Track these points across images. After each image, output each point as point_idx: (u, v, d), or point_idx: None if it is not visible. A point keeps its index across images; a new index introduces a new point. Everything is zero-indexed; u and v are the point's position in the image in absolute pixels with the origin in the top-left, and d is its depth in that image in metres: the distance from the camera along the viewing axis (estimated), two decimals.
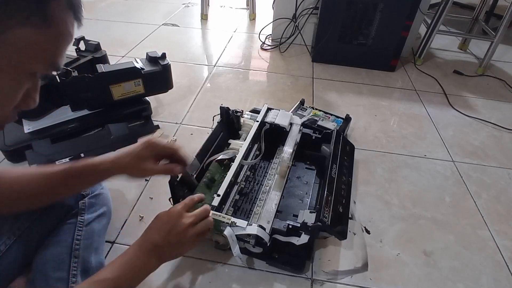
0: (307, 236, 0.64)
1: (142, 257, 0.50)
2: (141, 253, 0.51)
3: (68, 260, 0.56)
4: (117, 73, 0.98)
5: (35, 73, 0.34)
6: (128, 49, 1.59)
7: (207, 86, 1.36)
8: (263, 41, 1.73)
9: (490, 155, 1.08)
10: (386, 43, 1.48)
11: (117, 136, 0.99)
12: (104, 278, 0.46)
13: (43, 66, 0.33)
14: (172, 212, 0.55)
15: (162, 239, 0.52)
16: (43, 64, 0.33)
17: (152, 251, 0.51)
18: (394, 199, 0.89)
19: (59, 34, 0.32)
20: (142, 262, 0.50)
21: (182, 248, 0.55)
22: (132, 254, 0.50)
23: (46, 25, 0.30)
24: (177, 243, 0.53)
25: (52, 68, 0.34)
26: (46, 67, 0.33)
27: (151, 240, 0.52)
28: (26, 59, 0.31)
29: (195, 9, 2.15)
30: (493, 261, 0.76)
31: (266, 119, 0.89)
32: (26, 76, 0.33)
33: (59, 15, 0.31)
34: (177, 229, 0.53)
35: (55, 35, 0.32)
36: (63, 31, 0.32)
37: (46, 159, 0.89)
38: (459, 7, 2.33)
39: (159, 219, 0.55)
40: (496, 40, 1.52)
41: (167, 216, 0.55)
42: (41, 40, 0.31)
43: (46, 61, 0.33)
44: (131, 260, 0.50)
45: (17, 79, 0.32)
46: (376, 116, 1.23)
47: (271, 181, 0.81)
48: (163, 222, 0.54)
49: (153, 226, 0.54)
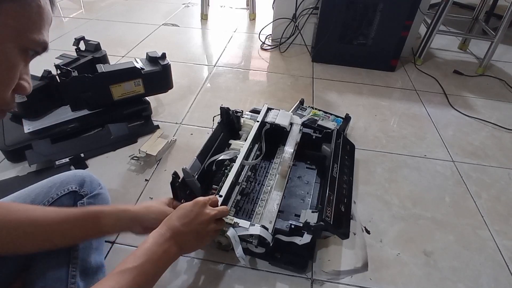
0: (309, 235, 0.64)
1: (163, 244, 0.51)
2: (162, 240, 0.51)
3: (67, 260, 0.55)
4: (117, 73, 0.98)
5: (26, 50, 0.35)
6: (128, 49, 1.59)
7: (207, 86, 1.36)
8: (263, 41, 1.73)
9: (490, 155, 1.08)
10: (386, 43, 1.48)
11: (117, 136, 0.99)
12: (129, 268, 0.47)
13: (32, 41, 0.35)
14: (198, 202, 0.57)
15: (184, 226, 0.53)
16: (31, 39, 0.35)
17: (173, 238, 0.52)
18: (394, 199, 0.89)
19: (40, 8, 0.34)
20: (164, 249, 0.51)
21: (202, 239, 0.56)
22: (154, 242, 0.51)
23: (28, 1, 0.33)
24: (198, 232, 0.54)
25: (39, 44, 0.36)
26: (34, 43, 0.35)
27: (171, 226, 0.53)
28: (16, 32, 0.33)
29: (195, 9, 2.15)
30: (493, 261, 0.76)
31: (266, 119, 0.89)
32: (18, 53, 0.35)
33: None
34: (201, 218, 0.55)
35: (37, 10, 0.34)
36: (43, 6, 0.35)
37: (46, 159, 0.89)
38: (459, 7, 2.33)
39: (183, 207, 0.56)
40: (496, 40, 1.52)
41: (191, 205, 0.56)
42: (25, 14, 0.33)
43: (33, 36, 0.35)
44: (152, 247, 0.50)
45: (10, 55, 0.34)
46: (376, 116, 1.23)
47: (272, 181, 0.81)
48: (188, 210, 0.55)
49: (176, 213, 0.55)
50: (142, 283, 0.47)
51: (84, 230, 0.54)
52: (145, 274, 0.47)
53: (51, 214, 0.52)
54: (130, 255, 0.49)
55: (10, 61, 0.34)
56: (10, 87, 0.35)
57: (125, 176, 0.90)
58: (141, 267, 0.47)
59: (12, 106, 0.37)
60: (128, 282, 0.45)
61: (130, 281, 0.45)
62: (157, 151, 0.94)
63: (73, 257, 0.56)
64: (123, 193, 0.85)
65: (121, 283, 0.44)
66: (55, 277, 0.53)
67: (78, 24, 1.85)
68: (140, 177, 0.90)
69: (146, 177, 0.90)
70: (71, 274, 0.54)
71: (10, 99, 0.36)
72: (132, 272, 0.46)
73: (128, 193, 0.85)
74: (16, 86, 0.36)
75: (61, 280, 0.53)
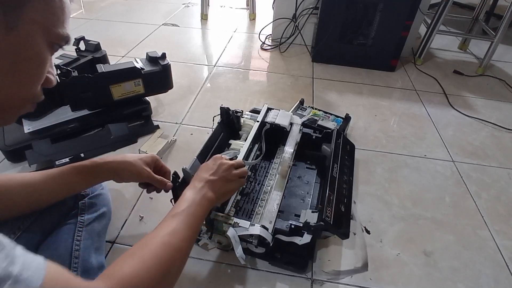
0: (309, 235, 0.64)
1: (200, 191, 0.57)
2: (198, 189, 0.57)
3: (68, 260, 0.55)
4: (117, 73, 0.98)
5: (52, 45, 0.37)
6: (128, 49, 1.59)
7: (207, 86, 1.36)
8: (263, 41, 1.73)
9: (490, 155, 1.08)
10: (386, 43, 1.48)
11: (117, 136, 0.99)
12: (178, 212, 0.52)
13: (57, 36, 0.36)
14: (216, 157, 0.65)
15: (212, 174, 0.61)
16: (57, 33, 0.36)
17: (206, 184, 0.59)
18: (394, 199, 0.90)
19: (62, 3, 0.36)
20: (201, 195, 0.56)
21: (230, 184, 0.63)
22: (190, 192, 0.57)
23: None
24: (225, 178, 0.62)
25: (64, 38, 0.37)
26: (59, 37, 0.37)
27: (202, 178, 0.60)
28: (45, 28, 0.35)
29: (195, 9, 2.15)
30: (493, 261, 0.76)
31: (266, 119, 0.89)
32: (46, 48, 0.36)
33: None
34: (223, 166, 0.63)
35: (59, 5, 0.36)
36: (64, 1, 0.36)
37: (46, 159, 0.89)
38: (459, 7, 2.33)
39: (205, 164, 0.64)
40: (496, 40, 1.52)
41: (212, 160, 0.65)
42: (50, 9, 0.35)
43: (58, 30, 0.36)
44: (191, 196, 0.56)
45: (41, 51, 0.36)
46: (376, 116, 1.23)
47: (272, 181, 0.81)
48: (210, 164, 0.63)
49: (201, 170, 0.63)
50: (193, 223, 0.52)
51: (70, 183, 0.59)
52: (193, 215, 0.53)
53: (37, 175, 0.57)
54: (174, 206, 0.54)
55: (40, 57, 0.36)
56: (40, 81, 0.38)
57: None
58: (187, 210, 0.53)
59: (41, 98, 0.40)
60: (182, 222, 0.50)
61: (183, 221, 0.51)
62: (157, 151, 0.94)
63: (74, 257, 0.56)
64: (123, 193, 0.85)
65: (177, 223, 0.50)
66: None
67: (78, 24, 1.85)
68: None
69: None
70: None
71: (40, 93, 0.39)
72: (182, 214, 0.51)
73: (128, 193, 0.85)
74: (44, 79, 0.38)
75: None
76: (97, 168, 0.61)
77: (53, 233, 0.59)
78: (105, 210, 0.67)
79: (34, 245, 0.57)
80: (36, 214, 0.58)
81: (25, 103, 0.38)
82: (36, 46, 0.35)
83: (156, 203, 0.83)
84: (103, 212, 0.67)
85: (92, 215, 0.64)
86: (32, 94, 0.38)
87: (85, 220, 0.62)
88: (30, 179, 0.56)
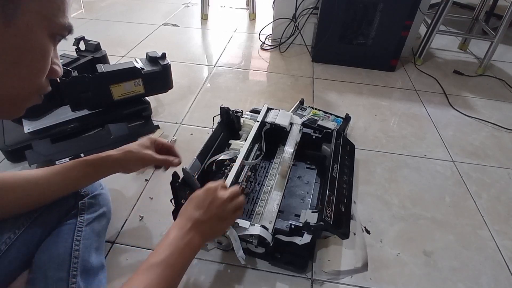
0: (309, 235, 0.64)
1: (185, 236, 0.51)
2: (183, 232, 0.51)
3: (68, 260, 0.55)
4: (117, 73, 0.98)
5: (54, 35, 0.36)
6: (128, 49, 1.59)
7: (207, 86, 1.36)
8: (263, 41, 1.73)
9: (490, 155, 1.08)
10: (386, 43, 1.48)
11: (117, 136, 0.99)
12: (156, 262, 0.47)
13: (59, 26, 0.36)
14: (209, 188, 0.57)
15: (202, 214, 0.53)
16: (58, 24, 0.36)
17: (193, 228, 0.52)
18: (394, 199, 0.89)
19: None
20: (186, 241, 0.51)
21: (222, 223, 0.57)
22: (175, 234, 0.51)
23: None
24: (217, 217, 0.55)
25: (66, 27, 0.37)
26: (61, 27, 0.36)
27: (190, 217, 0.53)
28: (45, 19, 0.34)
29: (195, 9, 2.15)
30: (493, 261, 0.76)
31: (266, 119, 0.89)
32: (49, 38, 0.36)
33: None
34: (216, 202, 0.55)
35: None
36: None
37: (46, 159, 0.89)
38: (459, 7, 2.33)
39: (196, 196, 0.56)
40: (496, 40, 1.52)
41: (204, 192, 0.56)
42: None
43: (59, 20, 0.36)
44: (174, 241, 0.50)
45: (43, 42, 0.35)
46: (376, 116, 1.23)
47: (272, 181, 0.81)
48: (201, 199, 0.55)
49: (191, 203, 0.55)
50: (171, 276, 0.47)
51: (74, 178, 0.59)
52: (172, 267, 0.48)
53: (41, 171, 0.57)
54: (154, 251, 0.49)
55: (43, 48, 0.36)
56: (45, 72, 0.37)
57: (125, 176, 0.90)
58: (167, 261, 0.47)
59: (47, 90, 0.40)
60: (158, 276, 0.45)
61: (159, 274, 0.46)
62: None
63: (74, 257, 0.56)
64: (123, 193, 0.85)
65: (151, 278, 0.45)
66: (56, 277, 0.53)
67: (78, 24, 1.85)
68: (140, 177, 0.90)
69: (146, 177, 0.90)
70: (72, 274, 0.54)
71: (45, 84, 0.39)
72: (159, 267, 0.46)
73: (128, 193, 0.85)
74: (49, 70, 0.38)
75: (62, 280, 0.53)
76: (101, 162, 0.61)
77: (53, 233, 0.59)
78: (105, 210, 0.68)
79: (34, 245, 0.57)
80: (36, 214, 0.58)
81: (31, 95, 0.38)
82: (37, 38, 0.34)
83: (156, 203, 0.83)
84: (103, 212, 0.67)
85: (92, 215, 0.64)
86: (38, 86, 0.38)
87: (85, 220, 0.62)
88: (34, 175, 0.56)
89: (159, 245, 0.50)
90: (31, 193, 0.56)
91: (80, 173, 0.59)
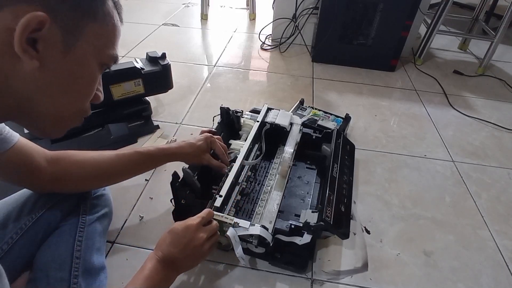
0: (309, 235, 0.64)
1: (162, 271, 0.53)
2: (161, 267, 0.53)
3: (70, 260, 0.55)
4: (117, 73, 0.98)
5: (102, 64, 0.40)
6: (128, 49, 1.59)
7: (207, 86, 1.36)
8: (263, 41, 1.73)
9: (490, 155, 1.09)
10: (386, 43, 1.48)
11: (117, 136, 0.99)
12: None
13: (108, 57, 0.39)
14: (190, 227, 0.56)
15: (180, 253, 0.55)
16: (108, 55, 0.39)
17: (171, 265, 0.54)
18: (394, 199, 0.90)
19: (114, 27, 0.39)
20: (163, 276, 0.53)
21: (197, 260, 0.59)
22: (152, 269, 0.53)
23: (106, 21, 0.37)
24: (194, 256, 0.57)
25: (113, 58, 0.40)
26: (110, 58, 0.40)
27: (169, 254, 0.54)
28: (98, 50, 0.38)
29: (195, 9, 2.15)
30: (493, 261, 0.76)
31: (266, 119, 0.89)
32: (98, 67, 0.39)
33: (111, 12, 0.38)
34: (195, 243, 0.56)
35: (112, 29, 0.39)
36: (116, 25, 0.39)
37: None
38: (459, 7, 2.33)
39: (175, 232, 0.56)
40: (496, 40, 1.52)
41: (183, 230, 0.56)
42: (104, 32, 0.38)
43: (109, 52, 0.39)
44: (151, 275, 0.52)
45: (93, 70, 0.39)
46: (376, 116, 1.23)
47: (272, 181, 0.81)
48: (180, 235, 0.56)
49: (170, 239, 0.56)
50: None
51: (137, 165, 0.67)
52: None
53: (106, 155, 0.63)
54: (130, 283, 0.51)
55: (92, 76, 0.39)
56: (90, 97, 0.41)
57: None
58: None
59: (89, 113, 0.43)
60: None
61: None
62: None
63: (76, 257, 0.56)
64: (123, 193, 0.85)
65: None
66: (58, 277, 0.53)
67: None
68: (140, 177, 0.89)
69: (146, 177, 0.90)
70: (73, 274, 0.54)
71: (88, 108, 0.42)
72: None
73: (128, 193, 0.85)
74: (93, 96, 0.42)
75: (63, 280, 0.53)
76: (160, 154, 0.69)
77: (55, 233, 0.59)
78: (107, 211, 0.68)
79: (36, 245, 0.57)
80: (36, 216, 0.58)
81: (76, 117, 0.42)
82: (90, 66, 0.38)
83: (156, 203, 0.83)
84: (105, 213, 0.67)
85: (94, 215, 0.64)
86: (82, 109, 0.41)
87: (87, 220, 0.62)
88: (100, 157, 0.62)
89: (135, 278, 0.51)
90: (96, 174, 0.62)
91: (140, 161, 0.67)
